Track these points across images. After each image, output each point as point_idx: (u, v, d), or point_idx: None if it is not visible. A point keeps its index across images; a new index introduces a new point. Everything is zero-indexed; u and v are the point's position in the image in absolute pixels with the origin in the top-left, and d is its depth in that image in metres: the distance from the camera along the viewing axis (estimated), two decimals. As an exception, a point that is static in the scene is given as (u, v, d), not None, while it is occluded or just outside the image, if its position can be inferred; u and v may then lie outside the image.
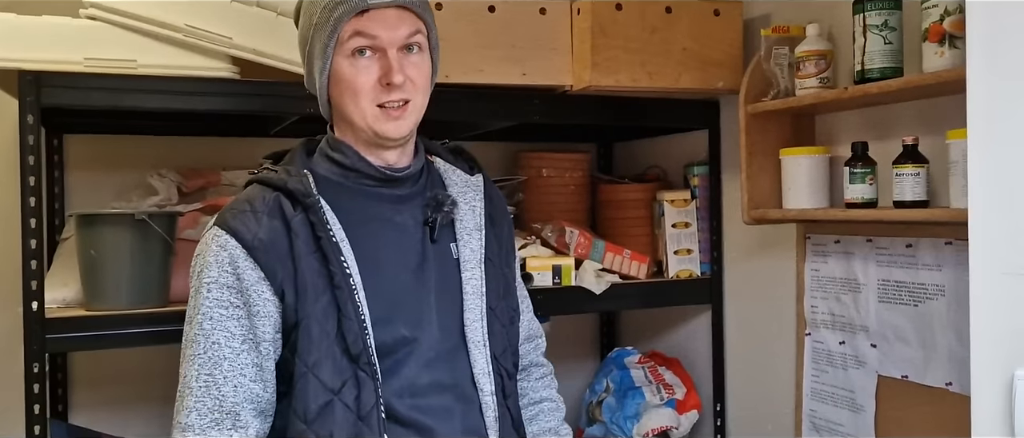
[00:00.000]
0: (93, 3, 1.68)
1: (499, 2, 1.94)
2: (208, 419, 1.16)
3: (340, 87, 1.24)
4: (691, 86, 2.02)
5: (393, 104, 1.24)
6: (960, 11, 1.46)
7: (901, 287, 1.75)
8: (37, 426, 1.58)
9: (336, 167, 1.29)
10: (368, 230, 1.26)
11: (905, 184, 1.60)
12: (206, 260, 1.20)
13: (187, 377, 1.18)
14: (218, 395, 1.16)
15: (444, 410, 1.26)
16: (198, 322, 1.18)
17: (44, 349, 1.60)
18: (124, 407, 2.33)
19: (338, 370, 1.18)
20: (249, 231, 1.19)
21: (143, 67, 1.69)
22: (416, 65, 1.26)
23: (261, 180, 1.27)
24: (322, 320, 1.19)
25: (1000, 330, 1.03)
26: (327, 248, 1.20)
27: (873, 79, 1.62)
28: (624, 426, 2.20)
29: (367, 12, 1.21)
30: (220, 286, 1.18)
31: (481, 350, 1.30)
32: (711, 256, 2.25)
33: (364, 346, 1.19)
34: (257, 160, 1.40)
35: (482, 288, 1.32)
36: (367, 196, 1.29)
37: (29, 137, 1.58)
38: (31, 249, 1.58)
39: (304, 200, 1.21)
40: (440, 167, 1.40)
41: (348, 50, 1.22)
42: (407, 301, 1.26)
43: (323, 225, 1.20)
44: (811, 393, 1.98)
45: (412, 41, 1.25)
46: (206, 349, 1.17)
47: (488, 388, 1.30)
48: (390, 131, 1.24)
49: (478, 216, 1.36)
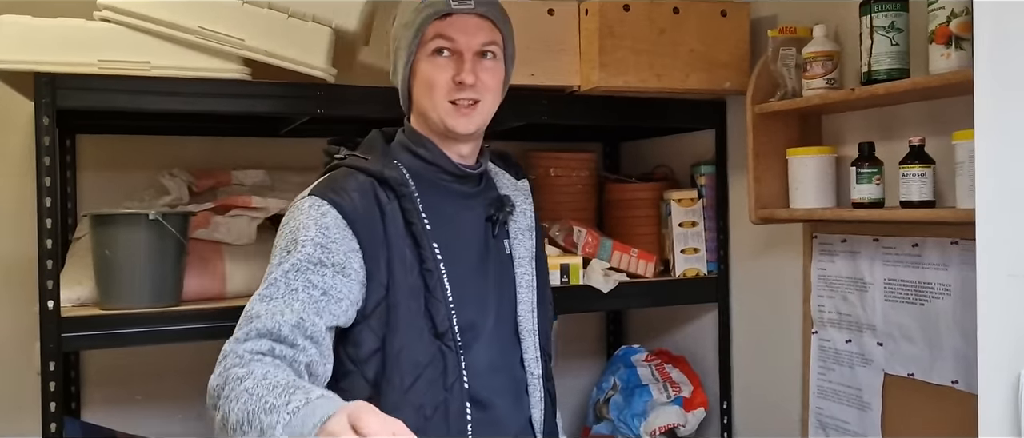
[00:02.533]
0: (107, 5, 1.70)
1: (508, 3, 1.94)
2: (265, 336, 1.16)
3: (419, 82, 1.37)
4: (698, 86, 2.03)
5: (464, 101, 1.35)
6: (967, 13, 1.47)
7: (907, 286, 1.76)
8: (53, 423, 1.60)
9: (417, 160, 1.39)
10: (445, 220, 1.37)
11: (912, 184, 1.61)
12: (304, 222, 1.27)
13: (254, 308, 1.20)
14: (278, 320, 1.17)
15: (502, 389, 1.40)
16: (284, 270, 1.23)
17: (60, 347, 1.62)
18: (136, 405, 2.35)
19: (425, 346, 1.31)
20: (349, 204, 1.29)
21: (156, 69, 1.71)
22: (489, 70, 1.37)
23: (352, 166, 1.36)
24: (410, 300, 1.30)
25: (1006, 330, 1.04)
26: (419, 234, 1.32)
27: (880, 80, 1.63)
28: (631, 424, 2.21)
29: (450, 17, 1.34)
30: (315, 244, 1.25)
31: (532, 338, 1.45)
32: (718, 255, 2.26)
33: (450, 325, 1.33)
34: (322, 152, 1.48)
35: (533, 282, 1.47)
36: (444, 190, 1.40)
37: (45, 138, 1.60)
38: (47, 249, 1.60)
39: (399, 188, 1.33)
40: (491, 170, 1.52)
41: (429, 50, 1.35)
42: (474, 289, 1.38)
43: (417, 212, 1.33)
44: (818, 391, 1.99)
45: (487, 48, 1.37)
46: (284, 293, 1.21)
47: (537, 371, 1.45)
48: (459, 126, 1.36)
49: (529, 218, 1.51)
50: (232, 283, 1.91)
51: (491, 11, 1.38)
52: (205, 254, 1.91)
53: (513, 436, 1.42)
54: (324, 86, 1.84)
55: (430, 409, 1.31)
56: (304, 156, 2.48)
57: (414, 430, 1.16)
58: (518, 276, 1.46)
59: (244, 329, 1.19)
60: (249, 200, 2.02)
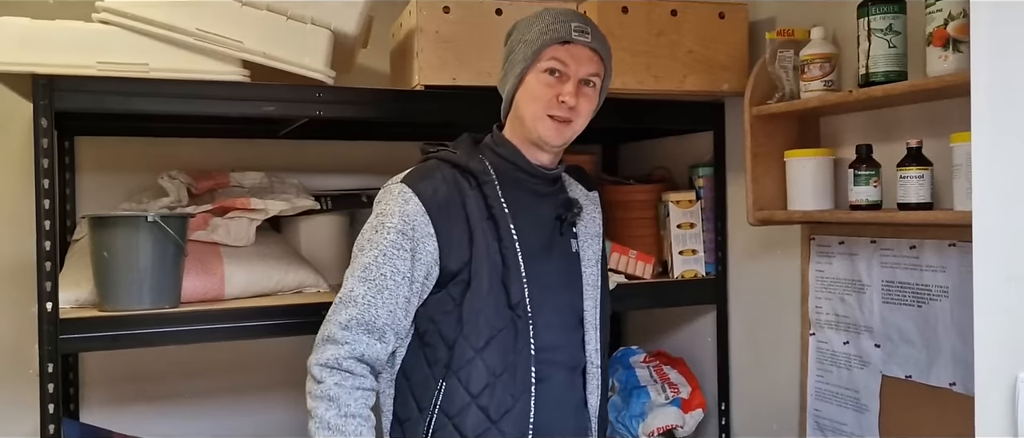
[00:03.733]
0: (105, 8, 1.70)
1: (506, 5, 1.95)
2: (362, 327, 1.45)
3: (525, 92, 1.53)
4: (696, 88, 2.03)
5: (559, 117, 1.52)
6: (964, 15, 1.47)
7: (905, 288, 1.77)
8: (52, 425, 1.60)
9: (499, 159, 1.57)
10: (520, 209, 1.55)
11: (909, 186, 1.61)
12: (392, 208, 1.48)
13: (354, 291, 1.46)
14: (374, 314, 1.45)
15: (561, 364, 1.57)
16: (375, 255, 1.46)
17: (58, 349, 1.62)
18: (133, 406, 2.35)
19: (500, 313, 1.49)
20: (430, 194, 1.49)
21: (155, 71, 1.71)
22: (587, 97, 1.54)
23: (442, 158, 1.55)
24: (491, 272, 1.49)
25: (1003, 333, 1.04)
26: (498, 217, 1.51)
27: (877, 83, 1.64)
28: (630, 425, 2.21)
29: (568, 45, 1.50)
30: (398, 231, 1.47)
31: (594, 331, 1.63)
32: (716, 256, 2.26)
33: (523, 297, 1.50)
34: (417, 152, 1.64)
35: (599, 283, 1.65)
36: (521, 185, 1.57)
37: (44, 140, 1.60)
38: (45, 251, 1.59)
39: (481, 177, 1.53)
40: (565, 180, 1.68)
41: (542, 68, 1.51)
42: (543, 272, 1.55)
43: (496, 198, 1.52)
44: (815, 393, 1.99)
45: (590, 78, 1.53)
46: (376, 278, 1.45)
47: (597, 361, 1.63)
48: (549, 137, 1.53)
49: (598, 225, 1.70)
50: (231, 285, 1.91)
51: (601, 46, 1.54)
52: (204, 256, 1.91)
53: (570, 411, 1.59)
54: (323, 88, 1.84)
55: (500, 368, 1.49)
56: (303, 158, 2.49)
57: (483, 385, 1.48)
58: (585, 275, 1.63)
59: (346, 314, 1.45)
60: (248, 202, 2.02)
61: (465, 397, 1.47)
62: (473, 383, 1.47)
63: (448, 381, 1.49)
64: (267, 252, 2.04)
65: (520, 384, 1.50)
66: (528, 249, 1.53)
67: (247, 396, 2.47)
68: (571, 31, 1.50)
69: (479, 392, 1.48)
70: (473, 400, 1.47)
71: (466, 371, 1.48)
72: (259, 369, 2.47)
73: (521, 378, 1.50)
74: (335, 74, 1.86)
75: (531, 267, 1.53)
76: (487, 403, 1.48)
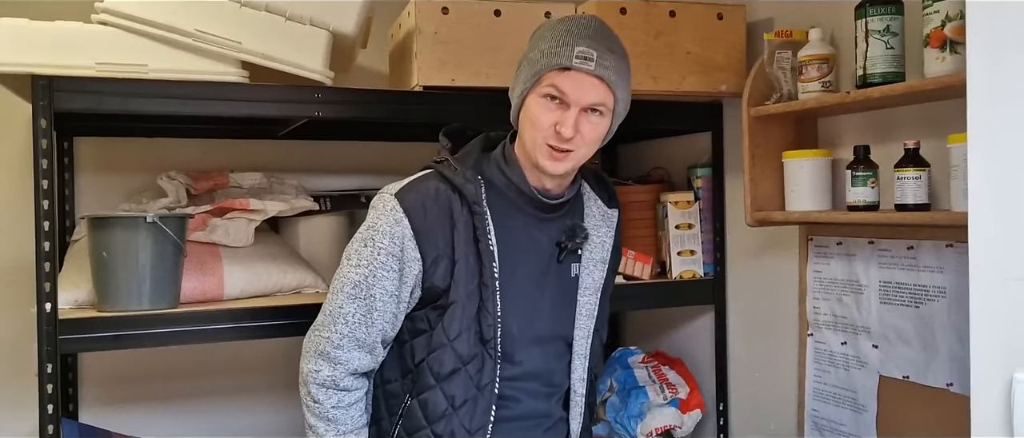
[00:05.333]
0: (104, 8, 1.70)
1: (505, 6, 1.96)
2: (354, 343, 1.47)
3: (526, 114, 1.47)
4: (695, 89, 2.03)
5: (557, 149, 1.45)
6: (961, 17, 1.47)
7: (902, 289, 1.77)
8: (50, 425, 1.60)
9: (504, 178, 1.52)
10: (512, 237, 1.51)
11: (907, 187, 1.61)
12: (382, 228, 1.46)
13: (345, 308, 1.46)
14: (365, 331, 1.47)
15: (533, 391, 1.55)
16: (364, 273, 1.46)
17: (57, 350, 1.62)
18: (133, 406, 2.36)
19: (470, 346, 1.48)
20: (420, 218, 1.46)
21: (154, 71, 1.71)
22: (592, 124, 1.46)
23: (442, 174, 1.51)
24: (466, 304, 1.47)
25: (1000, 333, 1.05)
26: (483, 251, 1.47)
27: (875, 84, 1.64)
28: (628, 425, 2.22)
29: (568, 71, 1.41)
30: (387, 253, 1.45)
31: (582, 360, 1.61)
32: (714, 257, 2.26)
33: (494, 334, 1.48)
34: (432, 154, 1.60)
35: (594, 313, 1.61)
36: (519, 210, 1.53)
37: (43, 141, 1.60)
38: (44, 251, 1.60)
39: (472, 205, 1.48)
40: (585, 193, 1.63)
41: (541, 92, 1.44)
42: (526, 302, 1.53)
43: (484, 230, 1.48)
44: (813, 393, 2.00)
45: (596, 107, 1.45)
46: (366, 298, 1.46)
47: (581, 390, 1.62)
48: (548, 167, 1.46)
49: (605, 250, 1.63)
50: (230, 285, 1.91)
51: (608, 74, 1.43)
52: (203, 256, 1.91)
53: (543, 430, 1.58)
54: (322, 89, 1.84)
55: (460, 400, 1.48)
56: (302, 158, 2.49)
57: (440, 415, 1.47)
58: (580, 303, 1.60)
59: (337, 331, 1.45)
60: (247, 202, 2.02)
61: (422, 421, 1.49)
62: (430, 410, 1.48)
63: (412, 400, 1.50)
64: (266, 253, 2.04)
65: (478, 420, 1.49)
66: (515, 280, 1.50)
67: (246, 396, 2.47)
68: (573, 57, 1.40)
69: (436, 420, 1.48)
70: (428, 427, 1.48)
71: (425, 397, 1.48)
72: (258, 369, 2.47)
73: (481, 414, 1.49)
74: (334, 75, 1.87)
75: (515, 300, 1.50)
76: (442, 431, 1.48)
